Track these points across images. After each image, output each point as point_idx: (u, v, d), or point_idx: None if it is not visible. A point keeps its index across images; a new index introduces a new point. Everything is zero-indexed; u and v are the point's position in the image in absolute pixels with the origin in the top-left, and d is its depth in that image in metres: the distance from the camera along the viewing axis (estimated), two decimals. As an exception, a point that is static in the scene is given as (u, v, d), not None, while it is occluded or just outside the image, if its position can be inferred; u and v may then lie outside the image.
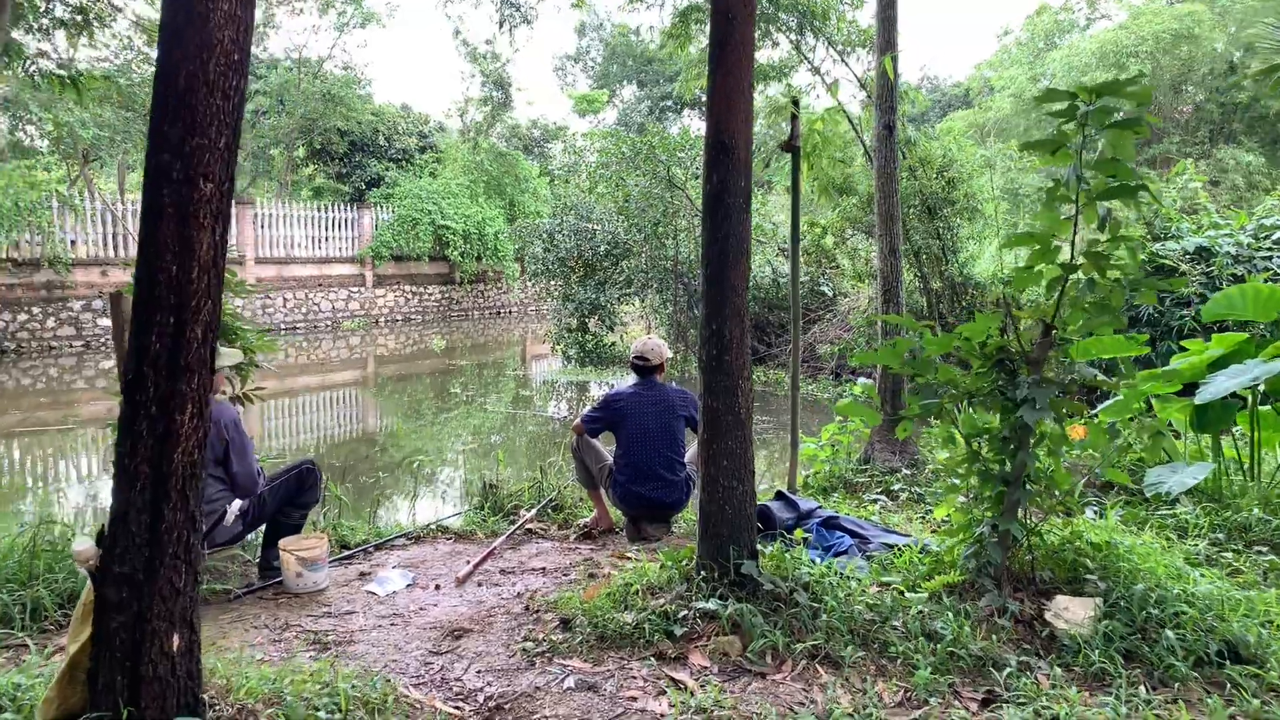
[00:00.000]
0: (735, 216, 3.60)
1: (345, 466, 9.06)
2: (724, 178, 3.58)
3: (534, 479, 5.88)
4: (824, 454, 6.63)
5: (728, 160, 3.59)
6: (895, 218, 6.86)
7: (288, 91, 25.96)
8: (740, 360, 3.66)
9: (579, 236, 16.78)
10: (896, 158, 7.06)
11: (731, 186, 3.58)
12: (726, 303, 3.63)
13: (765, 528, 4.40)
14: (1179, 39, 28.27)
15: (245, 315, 22.94)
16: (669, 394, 4.97)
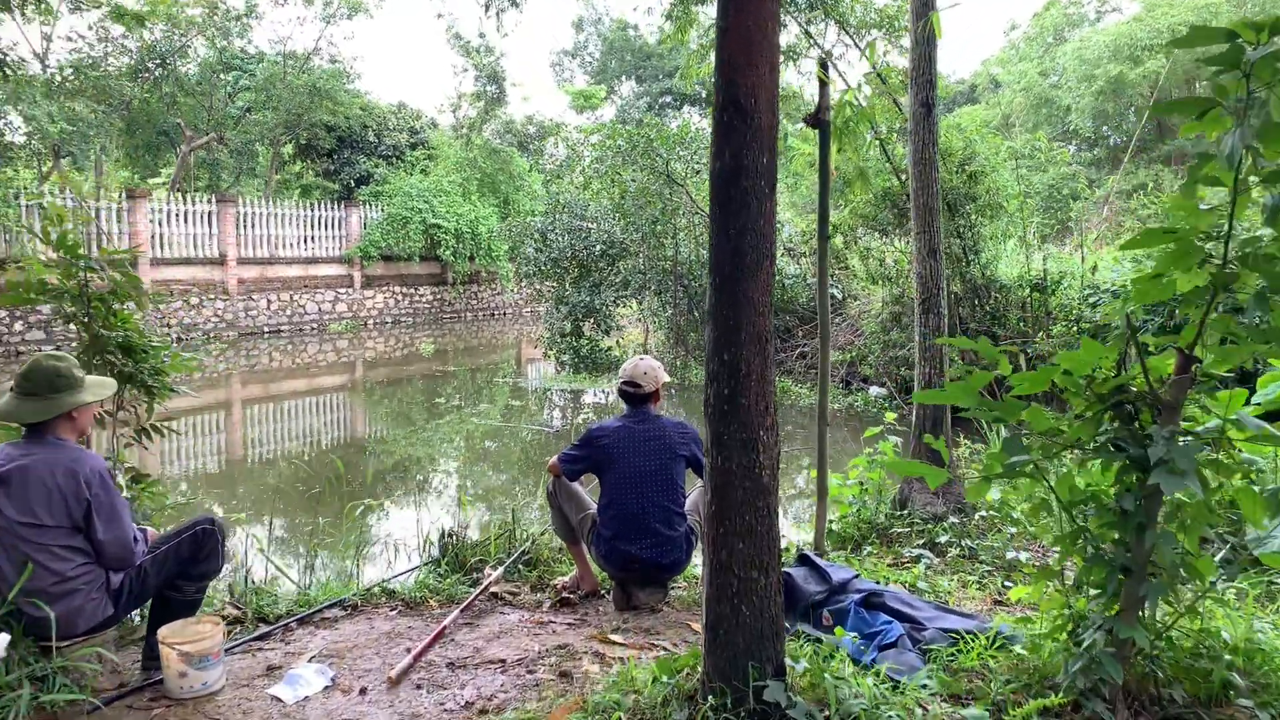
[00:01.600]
0: (755, 205, 2.63)
1: (294, 495, 8.10)
2: (740, 151, 2.61)
3: (504, 526, 4.90)
4: (851, 493, 5.64)
5: (745, 127, 2.62)
6: (934, 211, 5.87)
7: (273, 85, 25.01)
8: (761, 403, 2.70)
9: (573, 236, 15.82)
10: (936, 140, 6.07)
11: (750, 164, 2.61)
12: (743, 323, 2.66)
13: (786, 604, 3.45)
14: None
15: (227, 318, 21.99)
16: (665, 428, 4.01)
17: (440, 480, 9.18)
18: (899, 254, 12.61)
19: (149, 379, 4.82)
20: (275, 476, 9.56)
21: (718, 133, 2.66)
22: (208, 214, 22.08)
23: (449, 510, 7.04)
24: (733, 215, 2.64)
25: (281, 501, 8.08)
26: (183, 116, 23.72)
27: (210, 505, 7.83)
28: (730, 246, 2.66)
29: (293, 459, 10.48)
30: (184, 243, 21.65)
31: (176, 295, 21.21)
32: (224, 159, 25.56)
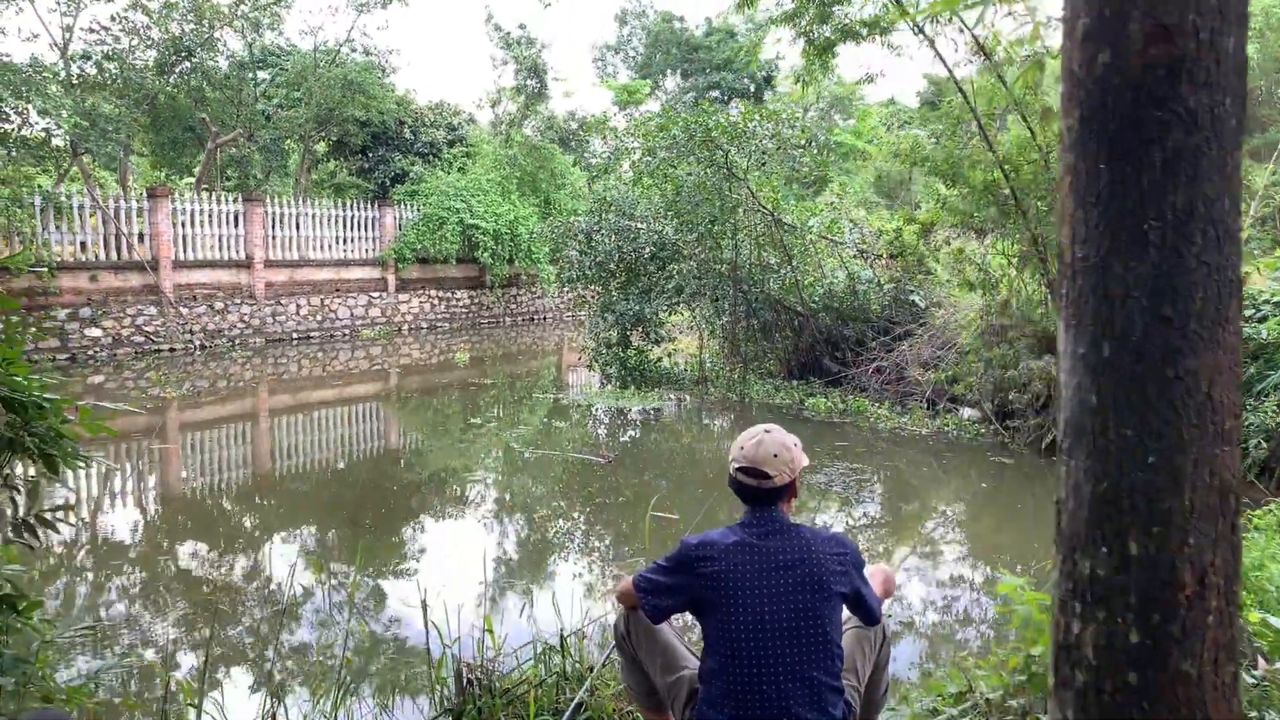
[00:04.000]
0: (1209, 174, 1.14)
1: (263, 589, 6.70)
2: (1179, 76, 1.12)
3: (547, 649, 3.42)
4: (1034, 600, 3.87)
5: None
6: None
7: (304, 79, 23.83)
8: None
9: (620, 237, 14.34)
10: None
11: (1197, 100, 1.13)
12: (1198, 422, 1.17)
13: None
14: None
15: (254, 323, 20.81)
16: (810, 547, 2.48)
17: (463, 543, 7.72)
18: (1000, 257, 10.98)
19: (44, 445, 3.33)
20: (251, 544, 8.20)
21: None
22: (234, 214, 20.92)
23: (471, 598, 5.59)
24: (1166, 191, 1.16)
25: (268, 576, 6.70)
26: (210, 112, 22.60)
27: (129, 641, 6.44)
28: (1156, 256, 1.17)
29: (303, 494, 9.11)
30: (209, 244, 20.50)
31: (200, 300, 20.07)
32: (253, 156, 24.43)
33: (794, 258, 13.68)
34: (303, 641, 5.49)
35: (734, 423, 12.19)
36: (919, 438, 10.87)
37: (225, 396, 15.16)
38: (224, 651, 5.36)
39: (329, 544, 7.35)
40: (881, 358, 13.04)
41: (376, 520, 7.96)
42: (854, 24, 9.79)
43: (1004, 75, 9.68)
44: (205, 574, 6.78)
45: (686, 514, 7.76)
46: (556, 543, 7.29)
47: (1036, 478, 9.22)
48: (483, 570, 5.94)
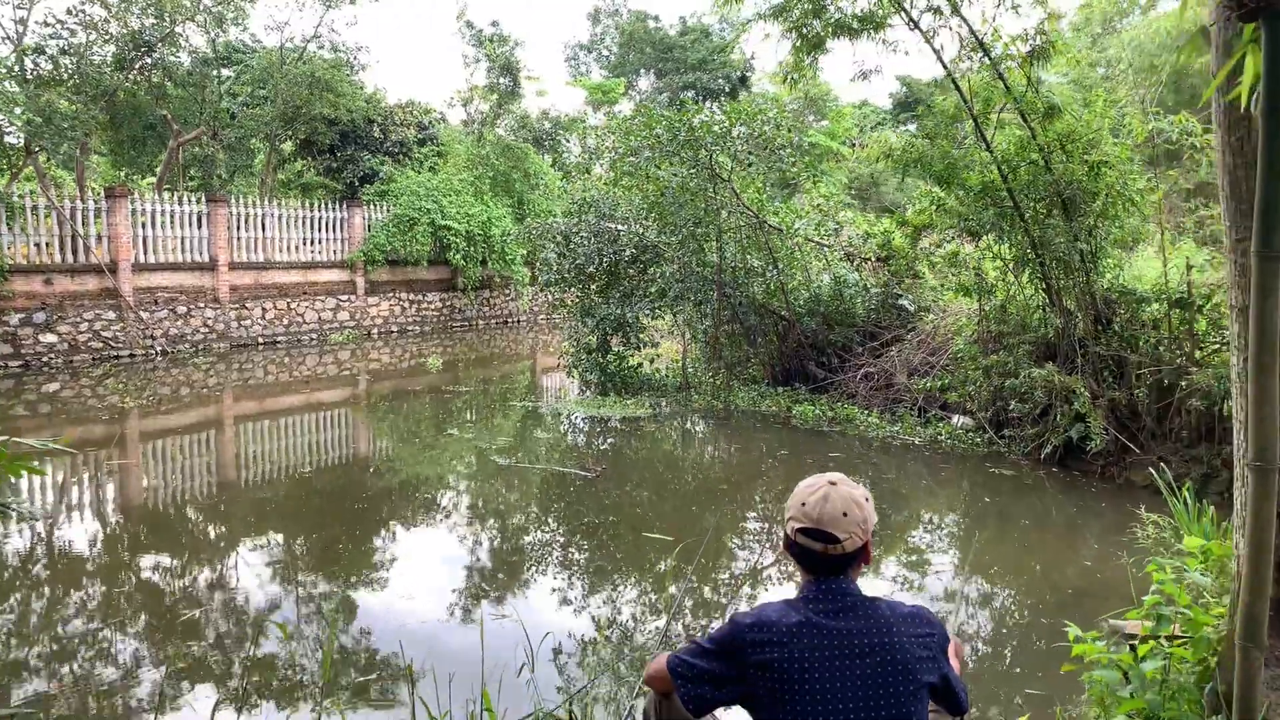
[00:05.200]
0: None
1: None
2: None
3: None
4: (1120, 666, 3.35)
5: None
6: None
7: (270, 76, 23.13)
8: None
9: (600, 239, 13.88)
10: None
11: None
12: None
13: None
14: (1266, 17, 25.13)
15: (218, 328, 20.12)
16: (890, 626, 2.03)
17: (444, 572, 7.23)
18: (996, 261, 10.64)
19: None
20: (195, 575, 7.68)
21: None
22: (197, 215, 20.22)
23: (457, 645, 5.10)
24: None
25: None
26: (171, 110, 21.86)
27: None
28: None
29: (269, 507, 8.56)
30: (171, 246, 19.79)
31: (162, 304, 19.35)
32: (217, 156, 23.69)
33: (779, 261, 13.29)
34: (273, 658, 4.99)
35: (719, 431, 11.77)
36: (912, 447, 10.51)
37: (188, 404, 14.53)
38: (187, 668, 4.91)
39: (304, 582, 6.83)
40: (870, 364, 12.68)
41: (351, 545, 7.45)
42: (848, 18, 9.39)
43: (1003, 73, 9.33)
44: (166, 588, 6.25)
45: (682, 534, 7.32)
46: (550, 573, 6.82)
47: (1038, 489, 8.87)
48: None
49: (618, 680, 4.32)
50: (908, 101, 48.54)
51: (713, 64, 35.47)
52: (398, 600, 6.09)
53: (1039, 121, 8.96)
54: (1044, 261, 9.66)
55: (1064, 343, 9.62)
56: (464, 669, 4.57)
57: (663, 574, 6.55)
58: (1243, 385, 3.37)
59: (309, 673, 5.01)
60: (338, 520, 8.13)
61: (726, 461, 10.49)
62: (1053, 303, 9.76)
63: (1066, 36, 30.44)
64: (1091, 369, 9.18)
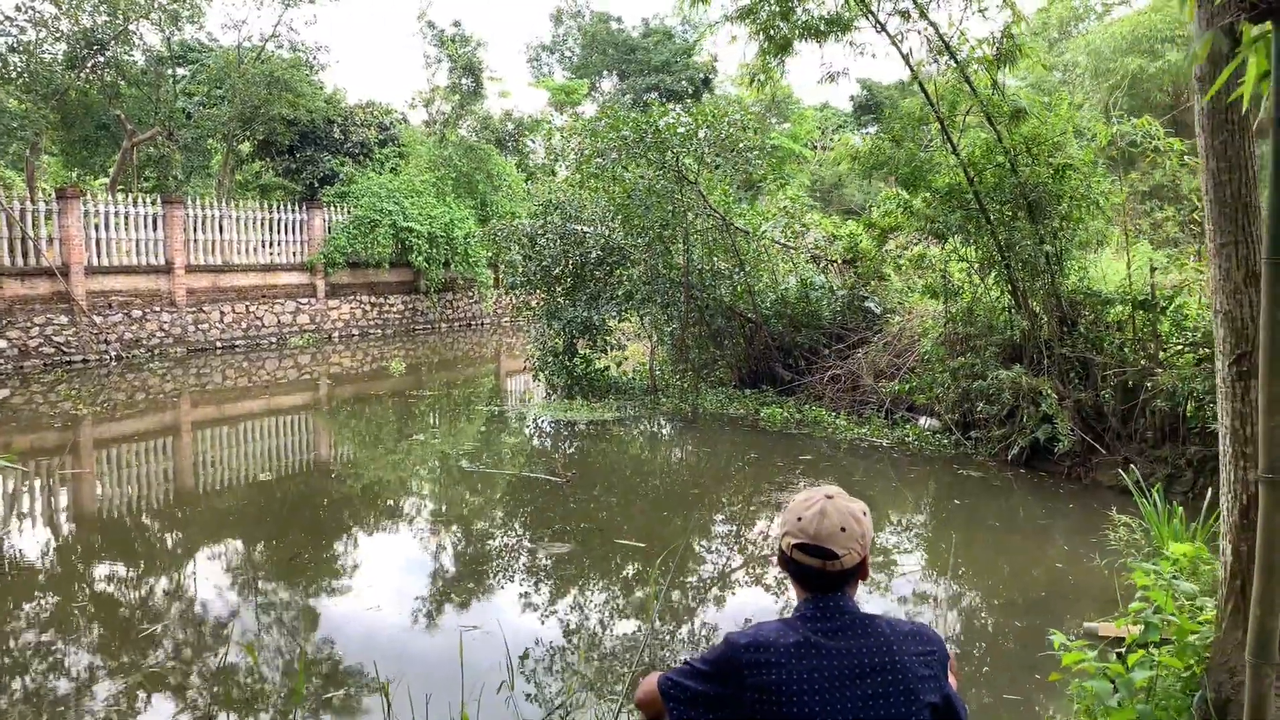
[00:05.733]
0: None
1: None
2: None
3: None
4: (1108, 676, 3.30)
5: None
6: (1252, 209, 3.58)
7: (227, 75, 22.73)
8: None
9: (565, 241, 13.76)
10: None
11: None
12: None
13: None
14: (1218, 23, 25.63)
15: (175, 332, 19.73)
16: (890, 642, 1.95)
17: (406, 592, 7.10)
18: (961, 262, 10.68)
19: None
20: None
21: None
22: (152, 217, 19.80)
23: (432, 658, 4.99)
24: None
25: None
26: (125, 109, 21.40)
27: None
28: None
29: (228, 518, 8.35)
30: (125, 249, 19.36)
31: (116, 308, 18.93)
32: (173, 156, 23.25)
33: (746, 263, 13.27)
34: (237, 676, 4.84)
35: (687, 434, 11.71)
36: (880, 449, 10.52)
37: (144, 410, 14.21)
38: (145, 680, 4.77)
39: (268, 593, 6.65)
40: (837, 366, 12.69)
41: (318, 555, 7.29)
42: (815, 20, 9.37)
43: (969, 76, 9.37)
44: (122, 600, 6.05)
45: (655, 541, 7.24)
46: (521, 583, 6.70)
47: (1006, 491, 8.91)
48: (449, 638, 5.34)
49: (599, 696, 4.23)
50: (868, 104, 48.91)
51: (676, 66, 35.47)
52: (366, 611, 5.95)
53: (1005, 124, 9.00)
54: (1009, 264, 9.71)
55: (1030, 345, 9.68)
56: (438, 684, 4.46)
57: (639, 585, 6.46)
58: (1226, 390, 3.35)
59: (276, 686, 4.87)
60: (302, 529, 7.95)
61: (696, 465, 10.44)
62: (1018, 305, 9.81)
63: (1026, 40, 30.72)
64: (1057, 370, 9.24)
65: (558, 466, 9.51)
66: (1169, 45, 25.80)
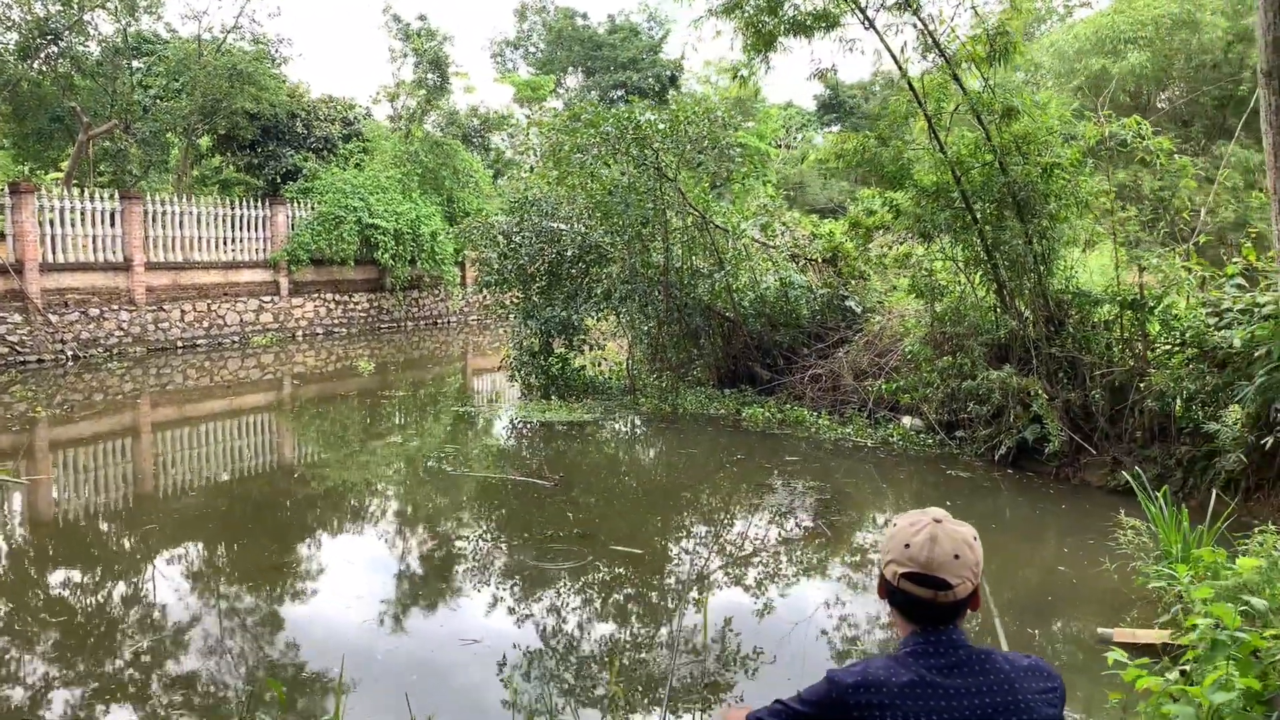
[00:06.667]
0: None
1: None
2: None
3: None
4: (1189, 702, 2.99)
5: None
6: None
7: (187, 67, 22.13)
8: None
9: (542, 238, 13.51)
10: None
11: None
12: None
13: None
14: (1179, 25, 26.03)
15: (134, 331, 19.19)
16: (1010, 680, 1.78)
17: (402, 604, 6.86)
18: (946, 261, 10.63)
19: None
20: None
21: None
22: (110, 212, 19.21)
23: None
24: None
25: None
26: (80, 101, 20.75)
27: None
28: None
29: (191, 525, 8.03)
30: (81, 245, 18.76)
31: (73, 306, 18.34)
32: (130, 150, 22.60)
33: (725, 261, 13.13)
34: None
35: (670, 435, 11.53)
36: (865, 450, 10.43)
37: (102, 411, 13.76)
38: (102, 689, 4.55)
39: (252, 604, 6.37)
40: (817, 365, 12.60)
41: (293, 574, 7.02)
42: (803, 15, 9.24)
43: (957, 73, 9.30)
44: (79, 607, 5.75)
45: (650, 546, 7.07)
46: (522, 594, 6.49)
47: (995, 491, 8.87)
48: (449, 654, 5.11)
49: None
50: (832, 103, 49.10)
51: (643, 63, 35.28)
52: (361, 625, 5.71)
53: (995, 122, 8.94)
54: (996, 263, 9.66)
55: (1017, 344, 9.64)
56: (444, 699, 4.25)
57: (647, 597, 6.29)
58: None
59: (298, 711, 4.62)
60: (278, 534, 7.67)
61: (682, 467, 10.26)
62: (1005, 304, 9.76)
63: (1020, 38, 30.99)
64: (1045, 370, 9.21)
65: (544, 470, 9.29)
66: (1131, 46, 26.12)
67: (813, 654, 5.29)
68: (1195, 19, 25.89)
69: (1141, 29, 25.96)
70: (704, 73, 38.46)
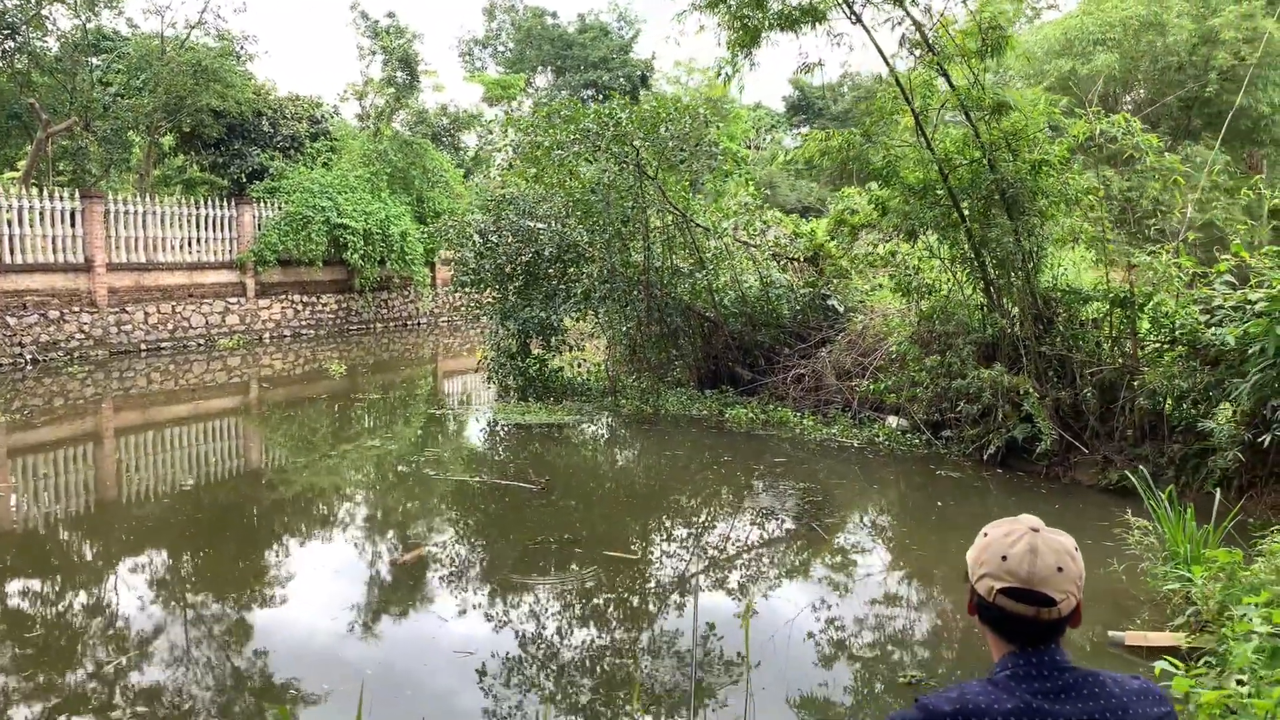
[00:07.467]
0: None
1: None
2: None
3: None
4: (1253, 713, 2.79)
5: None
6: None
7: (149, 63, 21.61)
8: None
9: (518, 237, 13.27)
10: None
11: None
12: None
13: None
14: (1146, 27, 26.27)
15: (95, 334, 18.68)
16: (1122, 706, 1.61)
17: (397, 617, 6.62)
18: (932, 259, 10.53)
19: None
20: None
21: None
22: (70, 212, 18.67)
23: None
24: None
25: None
26: (39, 98, 20.18)
27: None
28: None
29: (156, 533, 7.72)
30: (40, 246, 18.22)
31: (31, 308, 17.81)
32: (90, 148, 22.02)
33: (705, 261, 12.97)
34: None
35: (653, 436, 11.34)
36: (852, 450, 10.31)
37: (63, 417, 13.31)
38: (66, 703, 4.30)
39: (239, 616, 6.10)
40: (800, 365, 12.48)
41: (273, 587, 6.74)
42: (790, 9, 9.09)
43: (945, 69, 9.20)
44: (39, 617, 5.46)
45: (645, 552, 6.87)
46: (521, 604, 6.26)
47: (986, 491, 8.79)
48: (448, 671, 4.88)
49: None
50: (800, 105, 49.20)
51: (613, 63, 35.07)
52: (357, 639, 5.46)
53: (984, 119, 8.84)
54: (984, 261, 9.58)
55: (1005, 343, 9.56)
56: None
57: (651, 602, 6.09)
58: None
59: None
60: (250, 540, 7.39)
61: (669, 469, 10.07)
62: (993, 302, 9.68)
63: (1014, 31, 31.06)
64: (1035, 369, 9.13)
65: (529, 473, 9.06)
66: (1100, 47, 26.32)
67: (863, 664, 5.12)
68: (1162, 20, 26.12)
69: (1110, 30, 26.17)
70: (674, 73, 38.40)
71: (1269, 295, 7.25)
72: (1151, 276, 8.55)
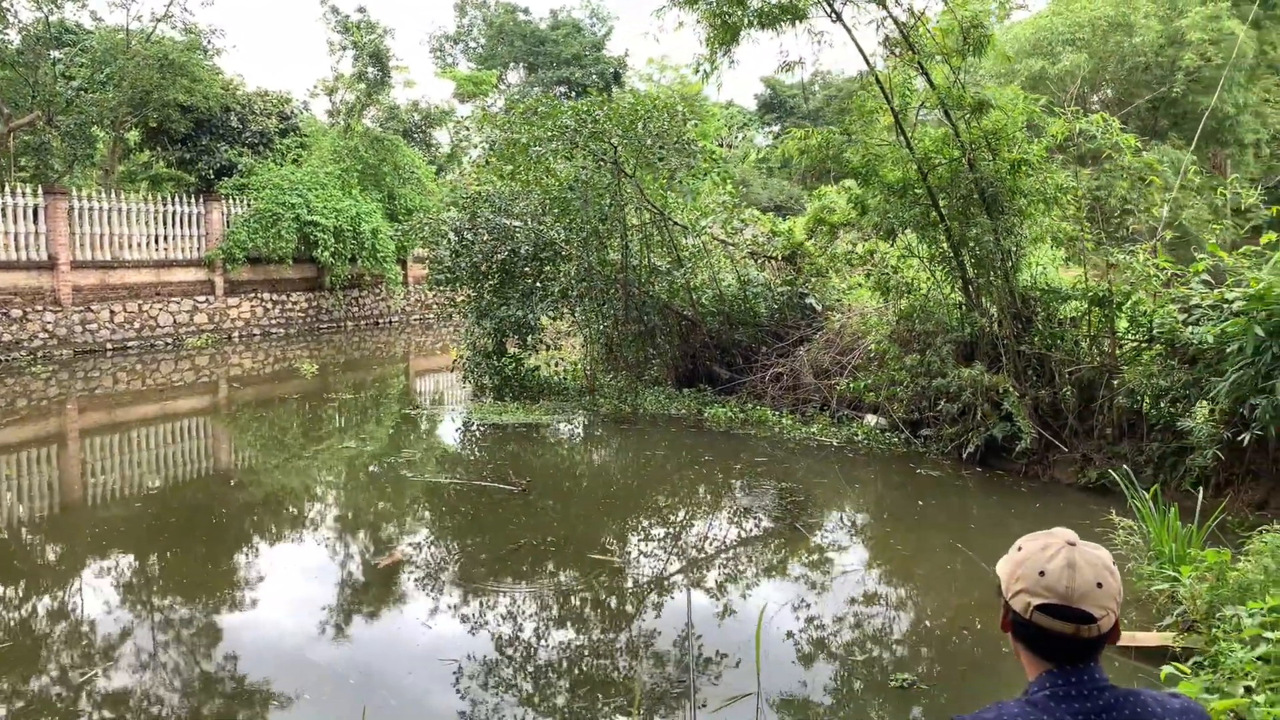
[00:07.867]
0: None
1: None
2: None
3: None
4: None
5: None
6: None
7: (114, 57, 21.19)
8: None
9: (495, 235, 13.13)
10: None
11: None
12: None
13: None
14: (1114, 27, 26.55)
15: (59, 333, 18.31)
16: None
17: (379, 623, 6.50)
18: (911, 257, 10.53)
19: None
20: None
21: None
22: (33, 208, 18.29)
23: None
24: None
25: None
26: (0, 92, 19.74)
27: None
28: None
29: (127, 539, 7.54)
30: (2, 243, 17.82)
31: (-7, 306, 17.42)
32: (53, 143, 21.57)
33: (683, 259, 12.91)
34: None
35: (632, 436, 11.26)
36: (831, 449, 10.29)
37: (25, 418, 13.01)
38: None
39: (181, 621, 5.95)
40: (778, 364, 12.45)
41: (251, 594, 6.60)
42: (769, 6, 9.04)
43: (925, 67, 9.19)
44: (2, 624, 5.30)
45: (626, 553, 6.79)
46: (501, 611, 6.16)
47: (966, 490, 8.79)
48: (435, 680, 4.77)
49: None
50: (772, 103, 49.32)
51: (586, 60, 34.93)
52: (342, 648, 5.34)
53: (964, 118, 8.84)
54: (962, 260, 9.58)
55: (984, 342, 9.57)
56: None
57: (637, 606, 6.01)
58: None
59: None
60: (224, 543, 7.23)
61: (649, 469, 10.00)
62: (971, 301, 9.69)
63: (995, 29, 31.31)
64: (1014, 368, 9.15)
65: (509, 474, 8.95)
66: (1069, 47, 26.57)
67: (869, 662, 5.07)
68: (1130, 21, 26.40)
69: (1079, 30, 26.42)
70: (647, 70, 38.33)
71: (1246, 294, 7.29)
72: (1130, 276, 8.57)
